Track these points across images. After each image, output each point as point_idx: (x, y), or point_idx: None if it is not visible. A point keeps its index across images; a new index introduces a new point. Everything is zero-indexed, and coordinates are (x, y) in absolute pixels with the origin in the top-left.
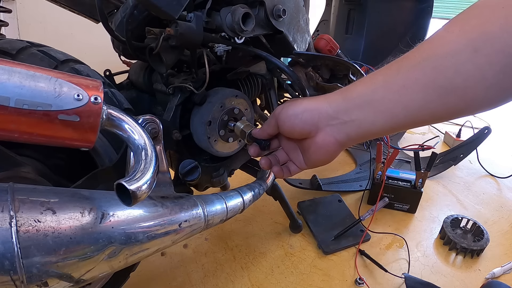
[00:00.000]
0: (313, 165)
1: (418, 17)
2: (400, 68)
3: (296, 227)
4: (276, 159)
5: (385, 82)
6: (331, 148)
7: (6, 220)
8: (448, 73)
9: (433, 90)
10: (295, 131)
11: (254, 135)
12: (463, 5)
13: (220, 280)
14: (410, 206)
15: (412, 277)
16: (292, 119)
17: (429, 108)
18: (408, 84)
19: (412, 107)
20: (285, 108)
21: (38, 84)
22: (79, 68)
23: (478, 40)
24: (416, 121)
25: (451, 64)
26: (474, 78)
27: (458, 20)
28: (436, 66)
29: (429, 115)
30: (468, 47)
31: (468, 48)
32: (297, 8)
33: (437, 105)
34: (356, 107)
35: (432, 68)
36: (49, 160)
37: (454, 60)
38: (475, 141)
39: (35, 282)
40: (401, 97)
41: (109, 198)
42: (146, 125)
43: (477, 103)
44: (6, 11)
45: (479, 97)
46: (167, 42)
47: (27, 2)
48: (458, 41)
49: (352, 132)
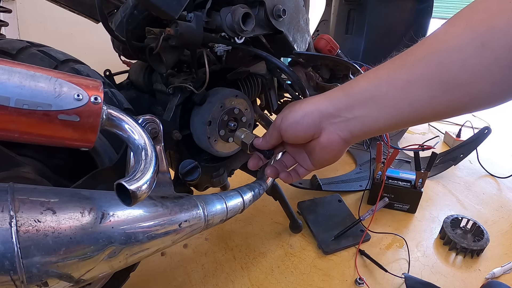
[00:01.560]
0: (321, 165)
1: (418, 17)
2: (404, 62)
3: (296, 227)
4: (282, 165)
5: (388, 77)
6: (336, 146)
7: (6, 220)
8: (454, 68)
9: (438, 85)
10: (298, 138)
11: (257, 147)
12: (463, 5)
13: (220, 280)
14: (410, 206)
15: (412, 277)
16: (294, 127)
17: (434, 104)
18: (413, 80)
19: (416, 103)
20: (284, 117)
21: (38, 84)
22: (79, 68)
23: (485, 34)
24: (420, 117)
25: (457, 59)
26: (479, 73)
27: (464, 14)
28: (441, 61)
29: (433, 111)
30: (474, 41)
31: (474, 43)
32: (297, 8)
33: (442, 100)
34: (359, 104)
35: (437, 63)
36: (49, 160)
37: (460, 55)
38: (475, 141)
39: (35, 282)
40: (405, 93)
41: (109, 198)
42: (146, 125)
43: (482, 99)
44: (6, 11)
45: (484, 93)
46: (167, 42)
47: (27, 2)
48: (465, 36)
49: (356, 129)
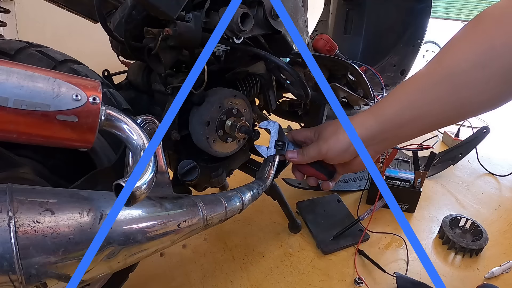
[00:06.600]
0: (354, 172)
1: (416, 17)
2: (423, 87)
3: (295, 227)
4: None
5: (410, 104)
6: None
7: (5, 221)
8: (461, 88)
9: (449, 104)
10: (343, 161)
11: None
12: (463, 5)
13: (219, 280)
14: (409, 206)
15: (403, 277)
16: (342, 155)
17: (445, 118)
18: (431, 103)
19: (433, 121)
20: (330, 146)
21: (36, 85)
22: (77, 68)
23: (485, 56)
24: (434, 128)
25: (463, 81)
26: (480, 89)
27: (467, 35)
28: (452, 83)
29: (445, 123)
30: (477, 64)
31: (477, 66)
32: (296, 8)
33: (451, 114)
34: (389, 129)
35: (448, 86)
36: (47, 160)
37: (466, 77)
38: (474, 140)
39: (33, 282)
40: (425, 114)
41: (108, 198)
42: (145, 126)
43: (482, 108)
44: (4, 11)
45: (483, 102)
46: (165, 42)
47: (26, 2)
48: (469, 60)
49: (385, 147)
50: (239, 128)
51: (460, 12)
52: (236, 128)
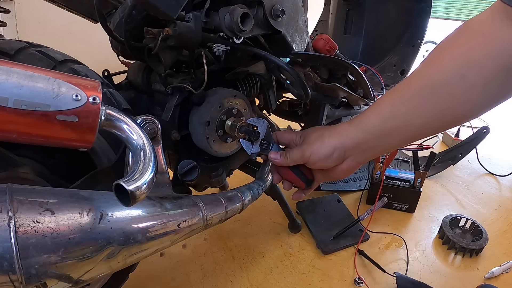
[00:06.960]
0: (335, 179)
1: (416, 17)
2: (403, 97)
3: (295, 227)
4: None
5: (392, 113)
6: (354, 169)
7: (5, 221)
8: (442, 98)
9: (431, 113)
10: (325, 167)
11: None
12: (462, 5)
13: (219, 280)
14: (409, 206)
15: (403, 276)
16: (325, 160)
17: (429, 127)
18: (411, 111)
19: (415, 130)
20: (314, 152)
21: (36, 85)
22: (77, 68)
23: (464, 67)
24: (418, 138)
25: (443, 90)
26: (462, 99)
27: (448, 47)
28: (432, 92)
29: (429, 132)
30: (456, 74)
31: (456, 76)
32: (296, 8)
33: (434, 124)
34: (372, 138)
35: (429, 95)
36: (47, 160)
37: (446, 87)
38: (474, 140)
39: (34, 282)
40: (406, 125)
41: (107, 198)
42: (145, 126)
43: (465, 117)
44: (4, 11)
45: (467, 111)
46: (165, 42)
47: (26, 2)
48: (449, 70)
49: (371, 155)
50: (239, 128)
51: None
52: (236, 128)
